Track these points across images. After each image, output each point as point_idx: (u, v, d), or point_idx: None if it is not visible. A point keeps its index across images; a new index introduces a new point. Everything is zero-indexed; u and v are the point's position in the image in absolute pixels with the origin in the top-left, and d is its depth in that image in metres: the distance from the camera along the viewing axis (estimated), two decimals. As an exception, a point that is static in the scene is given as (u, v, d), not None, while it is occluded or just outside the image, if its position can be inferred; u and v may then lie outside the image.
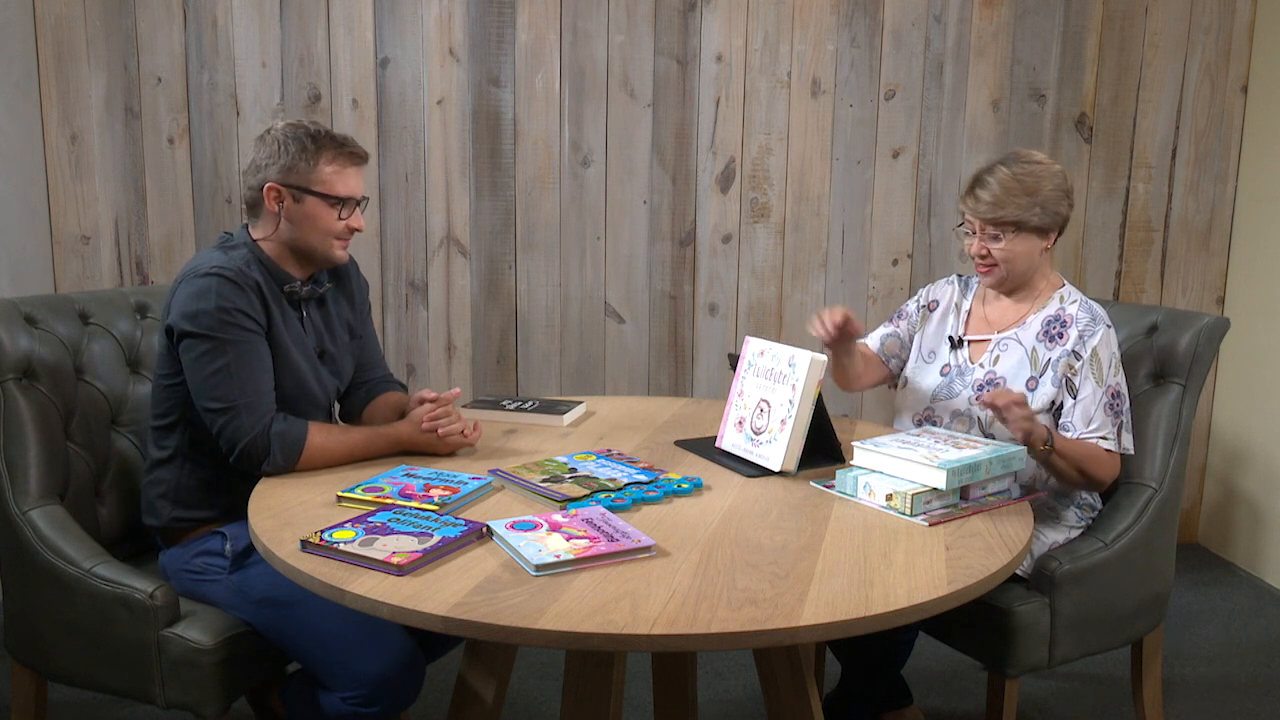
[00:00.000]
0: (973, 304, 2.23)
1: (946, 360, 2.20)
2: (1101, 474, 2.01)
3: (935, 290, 2.30)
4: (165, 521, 1.95)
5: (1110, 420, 2.02)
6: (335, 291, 2.10)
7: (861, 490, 1.73)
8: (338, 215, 1.94)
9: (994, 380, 2.10)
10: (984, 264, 2.11)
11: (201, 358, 1.82)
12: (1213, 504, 3.62)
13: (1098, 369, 2.02)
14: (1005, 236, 2.06)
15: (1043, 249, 2.10)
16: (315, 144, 1.92)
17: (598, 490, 1.73)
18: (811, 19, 3.33)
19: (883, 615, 1.32)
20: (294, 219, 1.93)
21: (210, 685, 1.77)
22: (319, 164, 1.91)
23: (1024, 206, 2.04)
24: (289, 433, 1.82)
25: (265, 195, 1.92)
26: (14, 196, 3.04)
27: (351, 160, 1.95)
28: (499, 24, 3.27)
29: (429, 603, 1.31)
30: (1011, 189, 2.04)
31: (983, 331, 2.18)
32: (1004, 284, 2.14)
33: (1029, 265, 2.10)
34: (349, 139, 1.97)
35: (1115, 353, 2.05)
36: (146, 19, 3.19)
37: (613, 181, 3.37)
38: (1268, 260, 3.35)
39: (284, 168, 1.91)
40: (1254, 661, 2.81)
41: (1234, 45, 3.41)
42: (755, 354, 2.01)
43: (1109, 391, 2.02)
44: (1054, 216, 2.07)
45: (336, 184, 1.93)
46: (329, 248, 1.96)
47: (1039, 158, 2.09)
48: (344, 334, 2.11)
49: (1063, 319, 2.08)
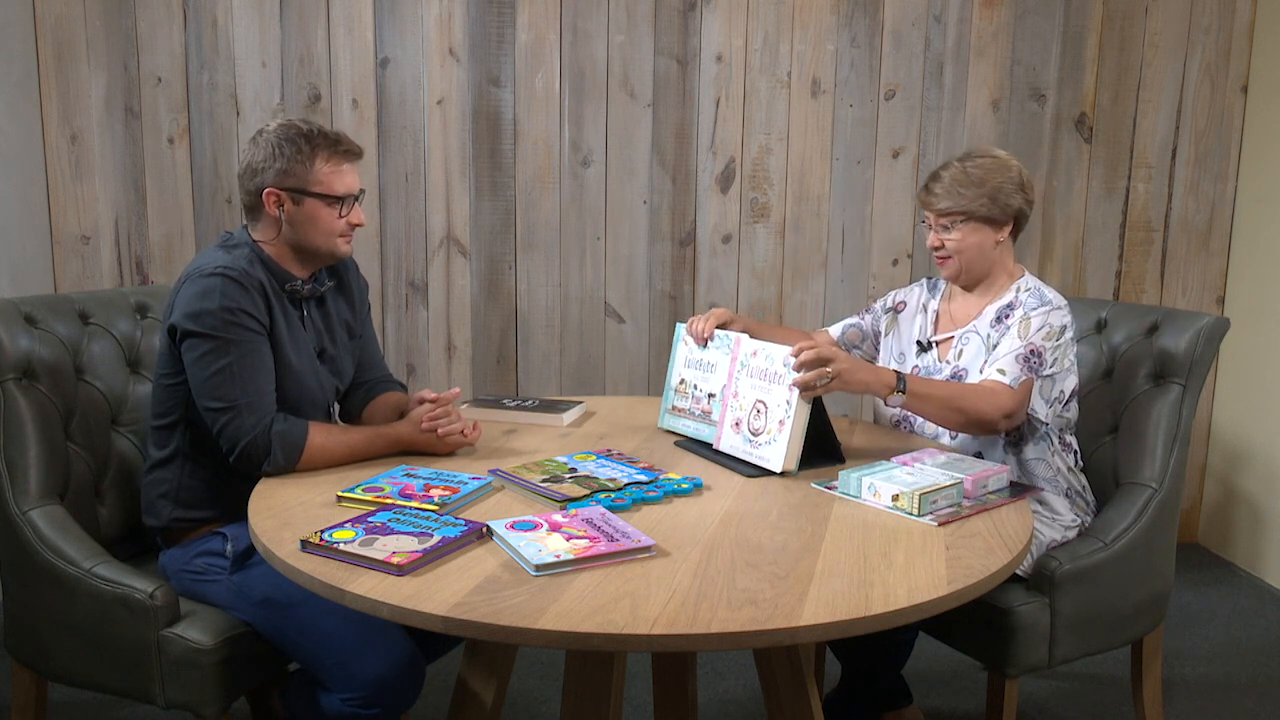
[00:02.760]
0: (940, 305, 2.26)
1: (916, 363, 2.23)
2: (980, 408, 1.96)
3: (903, 293, 2.35)
4: (166, 522, 1.95)
5: (1016, 367, 2.02)
6: (335, 291, 2.10)
7: (866, 491, 1.73)
8: (338, 214, 1.94)
9: (958, 374, 2.13)
10: (940, 256, 2.16)
11: (204, 357, 1.82)
12: (1213, 504, 3.62)
13: (1024, 328, 2.05)
14: (955, 227, 2.11)
15: (996, 241, 2.13)
16: (310, 144, 1.91)
17: (598, 490, 1.73)
18: (811, 19, 3.33)
19: (883, 615, 1.32)
20: (295, 221, 1.93)
21: (210, 685, 1.77)
22: (315, 165, 1.91)
23: (971, 197, 2.09)
24: (289, 433, 1.82)
25: (265, 200, 1.92)
26: (14, 196, 3.04)
27: (346, 157, 1.95)
28: (499, 24, 3.27)
29: (429, 603, 1.31)
30: (960, 180, 2.10)
31: (948, 329, 2.21)
32: (960, 276, 2.18)
33: (982, 256, 2.14)
34: (342, 135, 1.96)
35: (1052, 324, 2.04)
36: (146, 19, 3.19)
37: (613, 181, 3.37)
38: (1268, 260, 3.35)
39: (280, 171, 1.91)
40: (1254, 661, 2.81)
41: (1234, 45, 3.41)
42: (748, 354, 2.00)
43: (1027, 346, 2.03)
44: (1004, 208, 2.11)
45: (334, 183, 1.93)
46: (333, 245, 1.97)
47: (995, 153, 2.15)
48: (343, 334, 2.11)
49: (1013, 304, 2.11)
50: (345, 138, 1.97)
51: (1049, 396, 2.06)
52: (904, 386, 1.95)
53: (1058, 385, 2.07)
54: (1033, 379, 2.02)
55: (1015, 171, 2.12)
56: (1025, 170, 2.16)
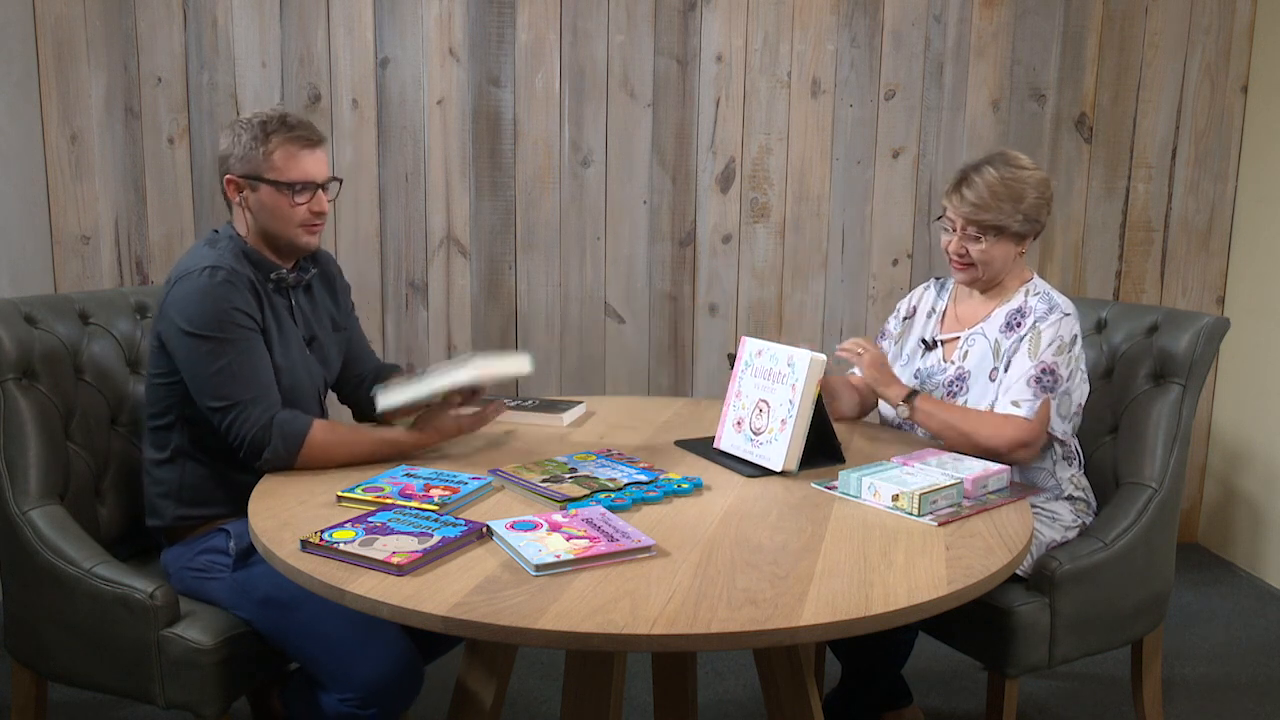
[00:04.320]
0: (948, 305, 2.26)
1: (919, 363, 2.23)
2: (990, 439, 1.98)
3: (914, 297, 2.35)
4: (169, 521, 1.95)
5: (1031, 392, 2.01)
6: (319, 280, 2.11)
7: (866, 491, 1.73)
8: (292, 201, 1.93)
9: (962, 375, 2.13)
10: (960, 262, 2.13)
11: (203, 358, 1.82)
12: (1213, 504, 3.62)
13: (1034, 344, 2.04)
14: (985, 239, 2.08)
15: (1018, 253, 2.13)
16: (265, 131, 1.91)
17: (598, 490, 1.73)
18: (811, 19, 3.33)
19: (883, 615, 1.32)
20: (254, 209, 1.94)
21: (210, 685, 1.77)
22: (269, 151, 1.91)
23: (1008, 212, 2.06)
24: (291, 424, 1.82)
25: (227, 188, 1.94)
26: (14, 196, 3.04)
27: (302, 144, 1.93)
28: (499, 24, 3.27)
29: (429, 603, 1.31)
30: (998, 193, 2.06)
31: (954, 330, 2.21)
32: (978, 283, 2.17)
33: (1003, 267, 2.13)
34: (302, 122, 1.95)
35: (1063, 336, 2.04)
36: (146, 19, 3.19)
37: (613, 181, 3.37)
38: (1268, 260, 3.35)
39: (239, 158, 1.92)
40: (1254, 661, 2.81)
41: (1234, 45, 3.41)
42: (753, 354, 2.01)
43: (1039, 366, 2.02)
44: (1033, 224, 2.11)
45: (289, 169, 1.92)
46: (294, 235, 1.95)
47: (1026, 162, 2.12)
48: (328, 323, 2.11)
49: (1023, 310, 2.11)
50: (305, 124, 1.95)
51: (1067, 413, 2.05)
52: (913, 400, 2.03)
53: (1074, 399, 2.06)
54: (1049, 399, 2.01)
55: (1045, 186, 2.11)
56: (1051, 182, 2.15)
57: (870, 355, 2.13)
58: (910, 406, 2.05)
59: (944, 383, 2.14)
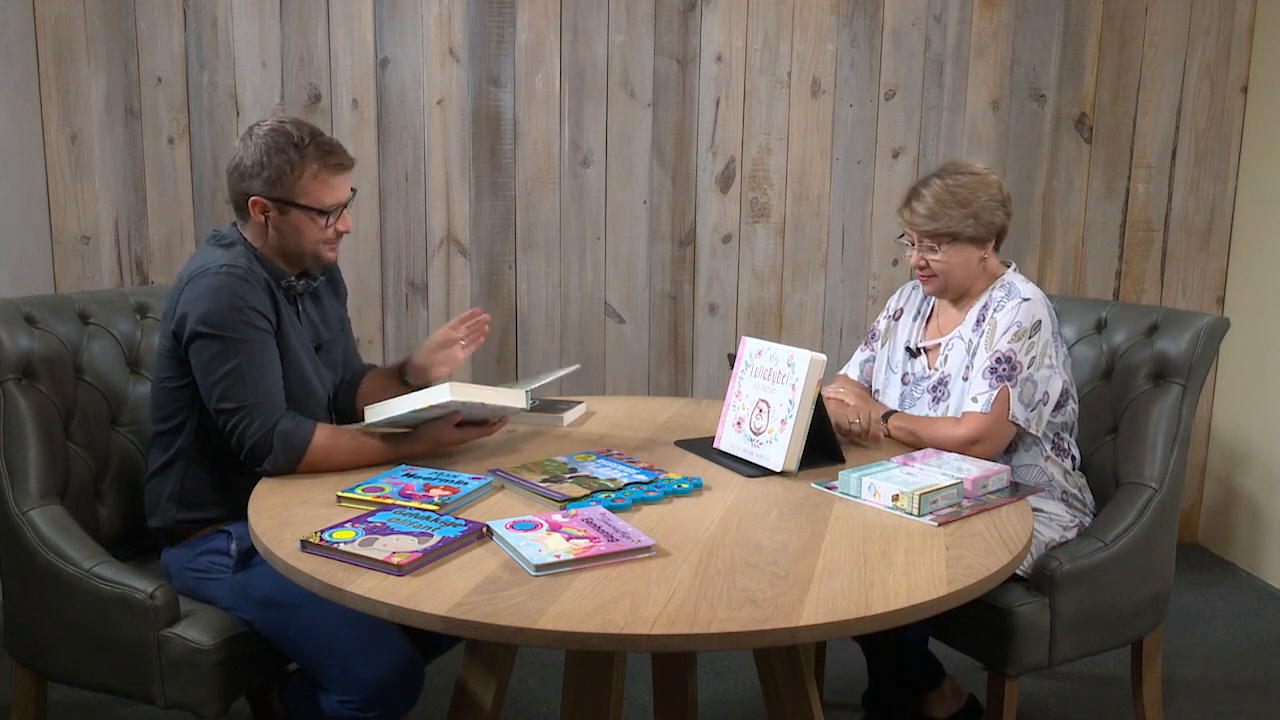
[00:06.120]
0: (932, 309, 2.28)
1: (906, 369, 2.24)
2: (945, 442, 2.00)
3: (902, 297, 2.36)
4: (170, 523, 1.95)
5: (986, 384, 2.02)
6: (326, 285, 2.10)
7: (866, 491, 1.73)
8: (324, 224, 1.93)
9: (944, 380, 2.14)
10: (924, 274, 2.16)
11: (214, 359, 1.81)
12: (1213, 504, 3.62)
13: (990, 334, 2.06)
14: (941, 248, 2.11)
15: (980, 257, 2.14)
16: (300, 154, 1.87)
17: (598, 490, 1.73)
18: (811, 19, 3.33)
19: (883, 615, 1.32)
20: (281, 229, 1.91)
21: (210, 685, 1.77)
22: (304, 176, 1.88)
23: (957, 219, 2.08)
24: (293, 433, 1.81)
25: (251, 208, 1.90)
26: (14, 196, 3.04)
27: (335, 169, 1.91)
28: (499, 24, 3.27)
29: (429, 603, 1.31)
30: (944, 201, 2.09)
31: (935, 336, 2.23)
32: (944, 292, 2.19)
33: (966, 274, 2.14)
34: (335, 146, 1.92)
35: (1020, 322, 2.04)
36: (146, 19, 3.19)
37: (613, 181, 3.37)
38: (1268, 260, 3.35)
39: (268, 180, 1.87)
40: (1254, 661, 2.81)
41: (1234, 45, 3.41)
42: (753, 354, 2.01)
43: (993, 356, 2.03)
44: (988, 226, 2.11)
45: (324, 196, 1.90)
46: (319, 252, 1.96)
47: (975, 168, 2.13)
48: (336, 326, 2.12)
49: (989, 304, 2.13)
50: (338, 148, 1.93)
51: (1030, 400, 2.03)
52: (885, 428, 2.10)
53: (1040, 388, 2.04)
54: (1007, 387, 2.01)
55: (996, 187, 2.12)
56: (1004, 183, 2.16)
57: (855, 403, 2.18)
58: (888, 427, 2.11)
59: (929, 388, 2.16)
